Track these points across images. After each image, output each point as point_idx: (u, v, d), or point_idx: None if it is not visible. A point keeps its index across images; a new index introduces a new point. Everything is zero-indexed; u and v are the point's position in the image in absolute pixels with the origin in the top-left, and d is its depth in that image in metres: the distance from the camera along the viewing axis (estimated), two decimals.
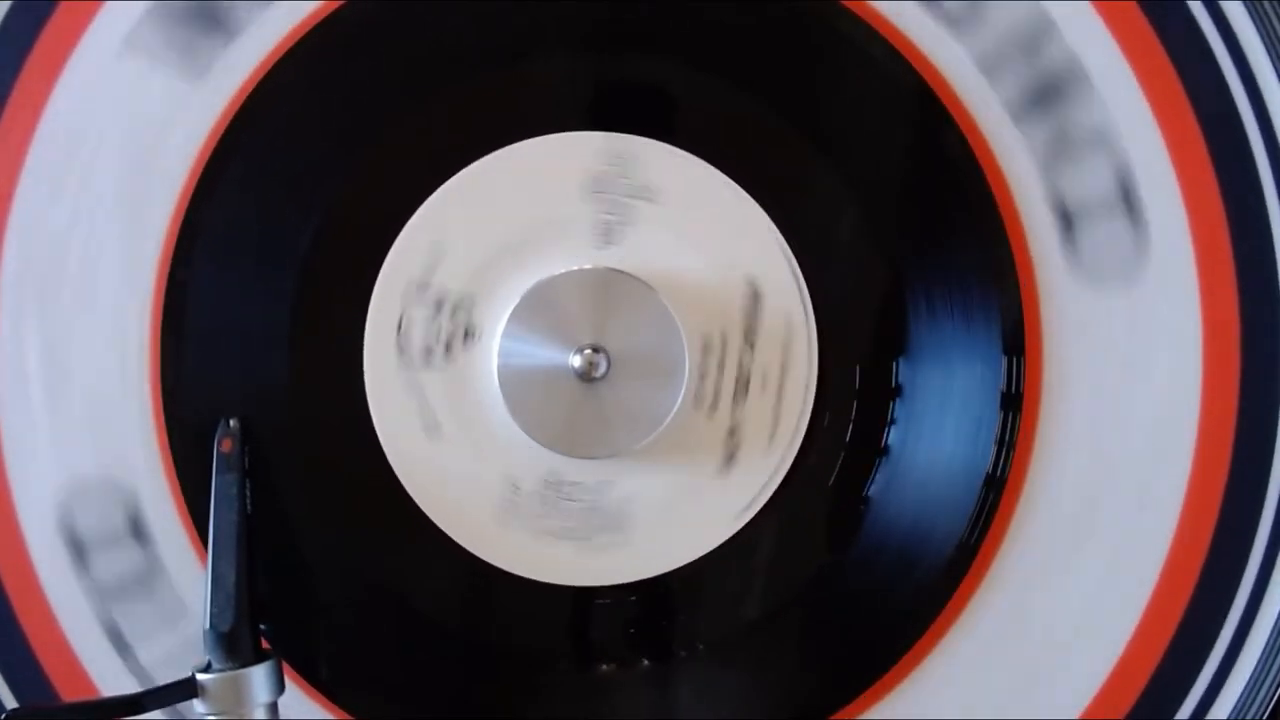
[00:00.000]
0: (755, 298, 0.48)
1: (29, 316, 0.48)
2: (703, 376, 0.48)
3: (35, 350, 0.48)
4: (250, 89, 0.48)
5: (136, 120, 0.48)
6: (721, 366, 0.48)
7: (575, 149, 0.48)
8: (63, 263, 0.48)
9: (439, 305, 0.48)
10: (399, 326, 0.48)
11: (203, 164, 0.48)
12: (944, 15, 0.48)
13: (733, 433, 0.49)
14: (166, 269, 0.48)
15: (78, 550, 0.49)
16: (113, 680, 0.49)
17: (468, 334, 0.48)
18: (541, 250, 0.48)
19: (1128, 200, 0.48)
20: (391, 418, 0.48)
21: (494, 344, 0.47)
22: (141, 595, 0.49)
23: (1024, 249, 0.49)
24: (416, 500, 0.48)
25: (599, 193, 0.48)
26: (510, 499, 0.49)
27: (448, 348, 0.48)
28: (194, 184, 0.48)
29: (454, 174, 0.48)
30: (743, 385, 0.48)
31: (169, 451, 0.49)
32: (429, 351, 0.48)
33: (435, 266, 0.48)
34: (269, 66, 0.47)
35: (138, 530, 0.49)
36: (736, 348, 0.48)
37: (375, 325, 0.48)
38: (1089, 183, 0.48)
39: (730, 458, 0.49)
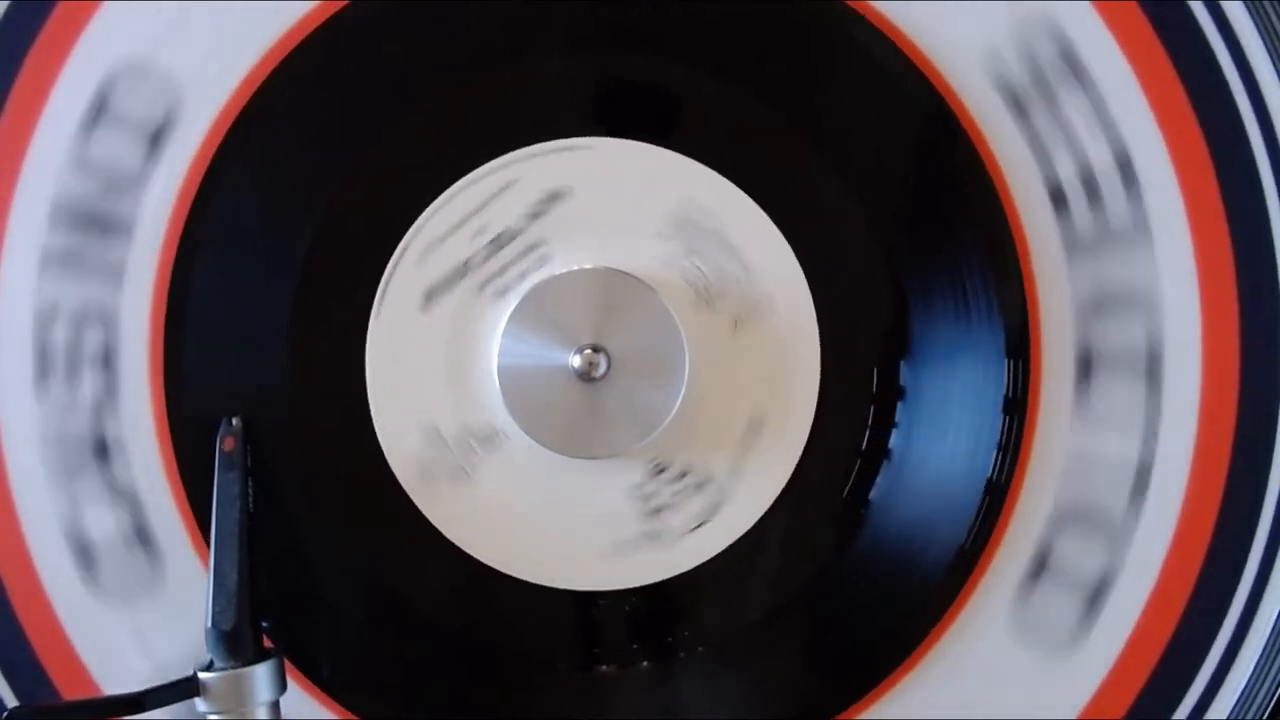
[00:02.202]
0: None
1: None
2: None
3: None
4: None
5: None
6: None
7: (724, 194, 0.48)
8: None
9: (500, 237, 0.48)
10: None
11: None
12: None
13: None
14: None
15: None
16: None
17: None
18: (622, 243, 0.48)
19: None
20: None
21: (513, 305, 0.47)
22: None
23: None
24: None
25: (691, 246, 0.48)
26: (432, 441, 0.48)
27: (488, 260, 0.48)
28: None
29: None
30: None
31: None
32: (464, 264, 0.48)
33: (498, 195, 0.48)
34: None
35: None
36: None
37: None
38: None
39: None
